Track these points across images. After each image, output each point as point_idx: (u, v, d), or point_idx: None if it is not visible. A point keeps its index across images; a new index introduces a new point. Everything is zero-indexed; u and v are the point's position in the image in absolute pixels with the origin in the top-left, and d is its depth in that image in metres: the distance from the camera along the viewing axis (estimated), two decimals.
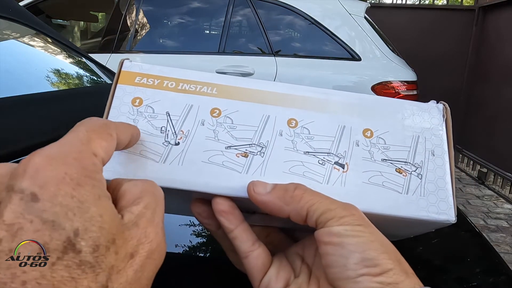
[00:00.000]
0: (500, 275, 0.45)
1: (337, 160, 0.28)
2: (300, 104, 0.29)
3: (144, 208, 0.19)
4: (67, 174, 0.16)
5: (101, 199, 0.17)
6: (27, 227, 0.15)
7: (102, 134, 0.19)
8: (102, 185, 0.17)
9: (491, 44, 3.32)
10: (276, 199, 0.24)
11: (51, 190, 0.15)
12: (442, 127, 0.30)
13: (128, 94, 0.29)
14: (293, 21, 2.34)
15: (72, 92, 0.85)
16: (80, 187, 0.16)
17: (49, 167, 0.16)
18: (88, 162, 0.17)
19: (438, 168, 0.28)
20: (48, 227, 0.15)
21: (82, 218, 0.15)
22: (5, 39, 0.83)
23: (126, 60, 0.30)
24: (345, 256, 0.21)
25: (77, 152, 0.17)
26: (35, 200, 0.15)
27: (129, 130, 0.23)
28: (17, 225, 0.15)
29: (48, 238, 0.15)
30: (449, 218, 0.27)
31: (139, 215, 0.18)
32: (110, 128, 0.20)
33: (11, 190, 0.15)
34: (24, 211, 0.15)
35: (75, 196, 0.16)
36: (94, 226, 0.15)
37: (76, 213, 0.15)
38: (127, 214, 0.18)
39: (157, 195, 0.20)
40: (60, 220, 0.15)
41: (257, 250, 0.26)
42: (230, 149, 0.27)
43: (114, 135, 0.20)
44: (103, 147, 0.19)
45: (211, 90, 0.29)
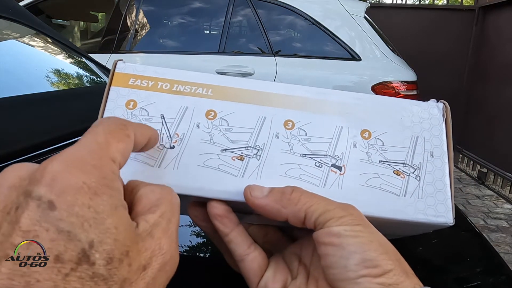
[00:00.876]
0: (500, 275, 0.45)
1: (334, 162, 0.27)
2: (297, 105, 0.29)
3: (160, 217, 0.18)
4: (85, 184, 0.16)
5: (117, 210, 0.16)
6: (43, 236, 0.15)
7: (120, 136, 0.19)
8: (119, 194, 0.17)
9: (491, 44, 3.32)
10: (274, 203, 0.24)
11: (68, 200, 0.15)
12: (441, 127, 0.29)
13: (122, 96, 0.28)
14: (293, 21, 2.34)
15: (72, 92, 0.85)
16: (97, 197, 0.16)
17: (68, 175, 0.16)
18: (107, 170, 0.17)
19: (437, 170, 0.28)
20: (63, 237, 0.15)
21: (97, 230, 0.15)
22: (5, 39, 0.83)
23: (119, 62, 0.29)
24: (345, 257, 0.21)
25: (97, 158, 0.17)
26: (52, 208, 0.15)
27: (148, 132, 0.23)
28: (33, 233, 0.15)
29: (63, 249, 0.15)
30: (447, 220, 0.26)
31: (154, 224, 0.18)
32: (128, 129, 0.20)
33: (28, 196, 0.15)
34: (41, 219, 0.15)
35: (92, 207, 0.15)
36: (109, 239, 0.15)
37: (92, 225, 0.15)
38: (142, 222, 0.18)
39: (174, 203, 0.20)
40: (76, 231, 0.15)
41: (253, 253, 0.25)
42: (225, 152, 0.27)
43: (132, 136, 0.20)
44: (121, 150, 0.19)
45: (206, 91, 0.29)
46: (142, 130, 0.22)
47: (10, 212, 0.15)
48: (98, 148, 0.18)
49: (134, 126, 0.21)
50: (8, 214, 0.15)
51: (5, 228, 0.15)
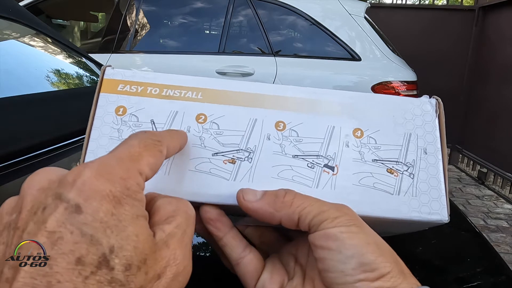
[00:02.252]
0: (500, 275, 0.45)
1: (326, 162, 0.27)
2: (288, 105, 0.29)
3: (176, 227, 0.19)
4: (111, 192, 0.16)
5: (138, 219, 0.17)
6: (67, 238, 0.15)
7: (153, 151, 0.20)
8: (141, 204, 0.18)
9: (491, 44, 3.32)
10: (267, 206, 0.24)
11: (94, 205, 0.16)
12: (434, 123, 0.29)
13: (112, 103, 0.28)
14: (293, 21, 2.34)
15: (72, 92, 0.85)
16: (121, 206, 0.16)
17: (96, 182, 0.16)
18: (133, 182, 0.18)
19: (431, 167, 0.27)
20: (86, 241, 0.15)
21: (118, 236, 0.16)
22: (5, 39, 0.83)
23: (108, 67, 0.29)
24: (343, 262, 0.21)
25: (125, 169, 0.18)
26: (79, 211, 0.15)
27: (178, 142, 0.24)
28: (58, 234, 0.15)
29: (85, 252, 0.15)
30: (442, 218, 0.26)
31: (170, 234, 0.18)
32: (162, 145, 0.21)
33: (58, 198, 0.16)
34: (67, 221, 0.15)
35: (115, 214, 0.16)
36: (129, 245, 0.16)
37: (114, 231, 0.16)
38: (159, 232, 0.18)
39: (189, 215, 0.20)
40: (98, 235, 0.15)
41: (248, 255, 0.25)
42: (217, 156, 0.27)
43: (164, 152, 0.21)
44: (151, 164, 0.19)
45: (196, 95, 0.28)
46: (174, 143, 0.23)
47: (37, 212, 0.16)
48: (129, 160, 0.18)
49: (168, 141, 0.22)
50: (35, 214, 0.16)
51: (31, 228, 0.15)
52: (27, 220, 0.16)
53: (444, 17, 3.66)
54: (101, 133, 0.27)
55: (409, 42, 3.53)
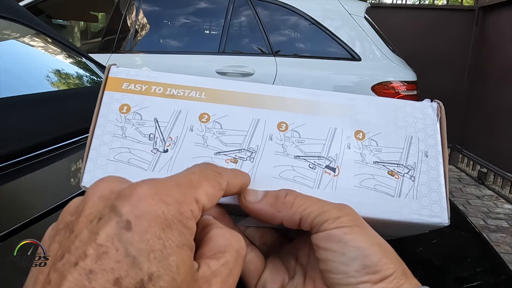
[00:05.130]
0: (500, 275, 0.45)
1: (328, 163, 0.27)
2: (290, 106, 0.29)
3: (223, 266, 0.18)
4: (163, 214, 0.16)
5: (183, 249, 0.16)
6: (112, 254, 0.15)
7: (212, 182, 0.20)
8: (190, 234, 0.17)
9: (491, 44, 3.32)
10: (268, 207, 0.24)
11: (143, 225, 0.15)
12: (436, 127, 0.29)
13: (116, 101, 0.28)
14: (293, 21, 2.34)
15: (72, 92, 0.85)
16: (169, 230, 0.16)
17: (151, 201, 0.16)
18: (187, 208, 0.17)
19: (432, 170, 0.27)
20: (128, 262, 0.15)
21: (160, 264, 0.15)
22: (5, 39, 0.83)
23: (113, 66, 0.29)
24: (346, 264, 0.21)
25: (181, 194, 0.17)
26: (128, 229, 0.15)
27: (240, 182, 0.23)
28: (104, 249, 0.15)
29: (124, 273, 0.15)
30: (442, 221, 0.26)
31: (215, 272, 0.18)
32: (222, 178, 0.21)
33: (113, 210, 0.16)
34: (115, 237, 0.15)
35: (162, 239, 0.16)
36: (167, 276, 0.15)
37: (157, 257, 0.15)
38: (204, 266, 0.18)
39: (240, 253, 0.19)
40: (141, 259, 0.15)
41: (249, 254, 0.25)
42: (219, 155, 0.27)
43: (224, 185, 0.21)
44: (209, 194, 0.19)
45: (199, 95, 0.29)
46: (235, 180, 0.22)
47: (93, 221, 0.16)
48: (188, 185, 0.18)
49: (229, 176, 0.22)
50: (91, 223, 0.16)
51: (84, 235, 0.15)
52: (82, 227, 0.16)
53: (444, 17, 3.66)
54: (105, 131, 0.27)
55: (409, 42, 3.53)
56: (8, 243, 0.37)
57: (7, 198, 0.47)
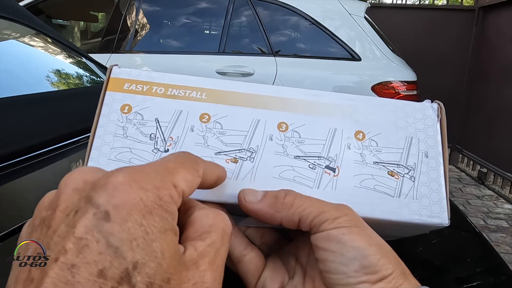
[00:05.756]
0: (500, 275, 0.45)
1: (328, 164, 0.27)
2: (290, 107, 0.29)
3: (209, 246, 0.18)
4: (141, 200, 0.16)
5: (166, 233, 0.16)
6: (93, 247, 0.14)
7: (189, 169, 0.19)
8: (172, 218, 0.17)
9: (491, 44, 3.32)
10: (267, 207, 0.24)
11: (122, 213, 0.15)
12: (436, 127, 0.29)
13: (117, 101, 0.28)
14: (293, 21, 2.34)
15: (72, 92, 0.85)
16: (150, 216, 0.16)
17: (128, 189, 0.16)
18: (165, 193, 0.17)
19: (432, 170, 0.27)
20: (110, 253, 0.14)
21: (143, 251, 0.15)
22: (5, 39, 0.83)
23: (114, 67, 0.29)
24: (345, 264, 0.21)
25: (159, 179, 0.17)
26: (107, 219, 0.15)
27: (216, 171, 0.23)
28: (84, 241, 0.14)
29: (108, 264, 0.14)
30: (442, 221, 0.26)
31: (202, 253, 0.17)
32: (198, 165, 0.20)
33: (89, 201, 0.15)
34: (95, 228, 0.15)
35: (143, 225, 0.15)
36: (152, 262, 0.15)
37: (140, 245, 0.15)
38: (190, 249, 0.17)
39: (226, 232, 0.19)
40: (123, 248, 0.15)
41: (249, 254, 0.25)
42: (219, 155, 0.27)
43: (201, 172, 0.20)
44: (187, 180, 0.19)
45: (200, 95, 0.29)
46: (212, 169, 0.22)
47: (69, 214, 0.16)
48: (165, 171, 0.18)
49: (205, 164, 0.21)
50: (68, 216, 0.16)
51: (61, 230, 0.15)
52: (59, 222, 0.16)
53: (444, 17, 3.67)
54: (106, 131, 0.27)
55: (409, 42, 3.54)
56: (8, 243, 0.37)
57: (7, 198, 0.47)
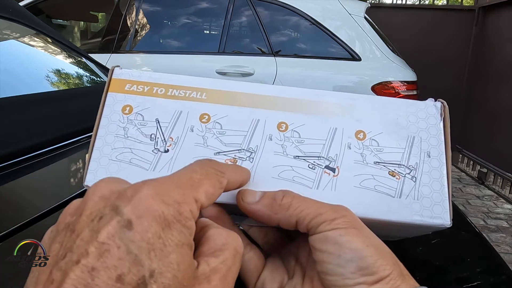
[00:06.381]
0: (500, 275, 0.45)
1: (327, 164, 0.27)
2: (290, 106, 0.29)
3: (221, 263, 0.18)
4: (163, 214, 0.16)
5: (183, 247, 0.17)
6: (113, 252, 0.15)
7: (213, 181, 0.20)
8: (190, 233, 0.17)
9: (491, 44, 3.32)
10: (265, 209, 0.24)
11: (144, 224, 0.16)
12: (439, 126, 0.28)
13: (119, 102, 0.28)
14: (293, 21, 2.34)
15: (72, 92, 0.85)
16: (169, 230, 0.16)
17: (152, 201, 0.16)
18: (186, 208, 0.17)
19: (434, 170, 0.27)
20: (130, 259, 0.15)
21: (161, 262, 0.16)
22: (5, 39, 0.83)
23: (116, 68, 0.30)
24: (342, 265, 0.21)
25: (181, 194, 0.18)
26: (129, 228, 0.16)
27: (240, 178, 0.24)
28: (106, 246, 0.15)
29: (126, 270, 0.15)
30: (444, 222, 0.26)
31: (214, 269, 0.18)
32: (223, 176, 0.21)
33: (114, 210, 0.16)
34: (116, 235, 0.15)
35: (162, 238, 0.16)
36: (169, 273, 0.16)
37: (157, 255, 0.16)
38: (203, 264, 0.18)
39: (238, 251, 0.20)
40: (142, 256, 0.15)
41: (249, 253, 0.25)
42: (219, 155, 0.27)
43: (224, 183, 0.21)
44: (208, 193, 0.19)
45: (200, 95, 0.29)
46: (235, 177, 0.23)
47: (94, 220, 0.16)
48: (188, 185, 0.19)
49: (231, 174, 0.22)
50: (92, 222, 0.16)
51: (85, 234, 0.16)
52: (83, 226, 0.16)
53: (444, 17, 3.67)
54: (108, 131, 0.28)
55: (409, 42, 3.54)
56: (8, 243, 0.37)
57: (7, 198, 0.47)
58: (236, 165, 0.26)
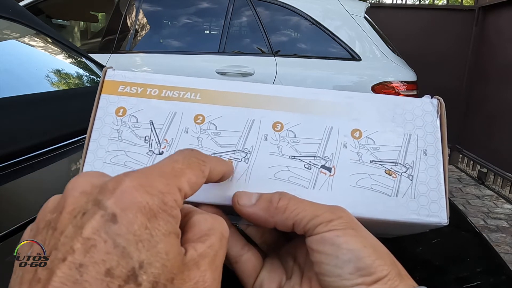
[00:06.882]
0: (500, 275, 0.45)
1: (323, 163, 0.27)
2: (286, 106, 0.28)
3: (208, 247, 0.18)
4: (148, 204, 0.16)
5: (170, 236, 0.17)
6: (100, 247, 0.15)
7: (195, 170, 0.20)
8: (176, 221, 0.17)
9: (491, 44, 3.32)
10: (261, 211, 0.24)
11: (129, 216, 0.16)
12: (436, 124, 0.28)
13: (112, 104, 0.28)
14: (293, 21, 2.34)
15: (71, 92, 0.85)
16: (155, 220, 0.16)
17: (135, 193, 0.16)
18: (170, 198, 0.17)
19: (431, 168, 0.27)
20: (118, 252, 0.15)
21: (149, 252, 0.16)
22: (5, 39, 0.83)
23: (109, 69, 0.29)
24: (339, 266, 0.21)
25: (165, 184, 0.18)
26: (114, 221, 0.15)
27: (222, 169, 0.23)
28: (92, 242, 0.15)
29: (115, 264, 0.15)
30: (441, 220, 0.26)
31: (202, 254, 0.18)
32: (205, 165, 0.21)
33: (97, 204, 0.16)
34: (102, 229, 0.15)
35: (148, 228, 0.16)
36: (158, 262, 0.16)
37: (145, 246, 0.16)
38: (191, 250, 0.18)
39: (224, 236, 0.20)
40: (130, 248, 0.15)
41: (247, 254, 0.25)
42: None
43: (206, 172, 0.21)
44: (191, 182, 0.19)
45: (194, 96, 0.28)
46: (217, 167, 0.23)
47: (77, 216, 0.16)
48: (171, 174, 0.18)
49: (213, 163, 0.22)
50: (75, 218, 0.16)
51: (69, 231, 0.15)
52: (66, 223, 0.16)
53: (444, 17, 3.67)
54: (101, 134, 0.27)
55: (409, 42, 3.54)
56: (8, 243, 0.37)
57: (7, 198, 0.47)
58: (218, 157, 0.26)
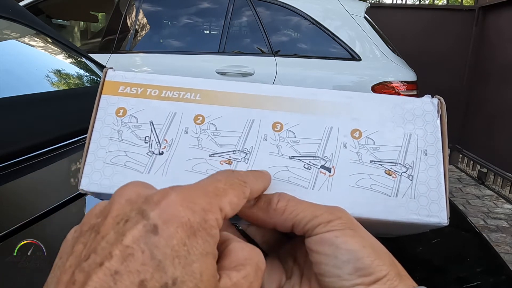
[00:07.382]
0: (500, 275, 0.45)
1: (323, 163, 0.27)
2: (285, 106, 0.28)
3: (243, 278, 0.18)
4: (189, 221, 0.16)
5: (207, 257, 0.17)
6: (137, 256, 0.15)
7: (237, 191, 0.20)
8: (214, 242, 0.17)
9: (491, 44, 3.32)
10: (260, 213, 0.24)
11: (170, 230, 0.16)
12: (436, 124, 0.28)
13: (112, 104, 0.28)
14: (293, 21, 2.34)
15: (72, 92, 0.85)
16: (194, 238, 0.16)
17: (179, 208, 0.16)
18: (212, 217, 0.17)
19: (431, 168, 0.27)
20: (153, 265, 0.15)
21: (184, 270, 0.15)
22: (5, 39, 0.83)
23: (109, 70, 0.29)
24: (339, 267, 0.21)
25: (207, 203, 0.18)
26: (155, 233, 0.15)
27: (262, 186, 0.24)
28: (130, 250, 0.15)
29: (149, 276, 0.15)
30: (441, 221, 0.26)
31: (236, 284, 0.18)
32: (247, 187, 0.21)
33: (140, 214, 0.16)
34: (141, 239, 0.15)
35: (187, 245, 0.16)
36: (191, 282, 0.15)
37: (181, 262, 0.15)
38: (225, 278, 0.18)
39: (260, 267, 0.20)
40: (166, 262, 0.15)
41: None
42: (213, 157, 0.27)
43: (247, 193, 0.21)
44: (233, 203, 0.19)
45: (194, 96, 0.29)
46: (258, 186, 0.23)
47: (120, 223, 0.16)
48: (214, 194, 0.19)
49: (253, 183, 0.22)
50: (118, 225, 0.16)
51: (110, 237, 0.16)
52: (109, 228, 0.16)
53: (444, 17, 3.67)
54: (102, 134, 0.27)
55: (409, 42, 3.54)
56: (8, 243, 0.37)
57: (7, 198, 0.47)
58: (256, 171, 0.26)
